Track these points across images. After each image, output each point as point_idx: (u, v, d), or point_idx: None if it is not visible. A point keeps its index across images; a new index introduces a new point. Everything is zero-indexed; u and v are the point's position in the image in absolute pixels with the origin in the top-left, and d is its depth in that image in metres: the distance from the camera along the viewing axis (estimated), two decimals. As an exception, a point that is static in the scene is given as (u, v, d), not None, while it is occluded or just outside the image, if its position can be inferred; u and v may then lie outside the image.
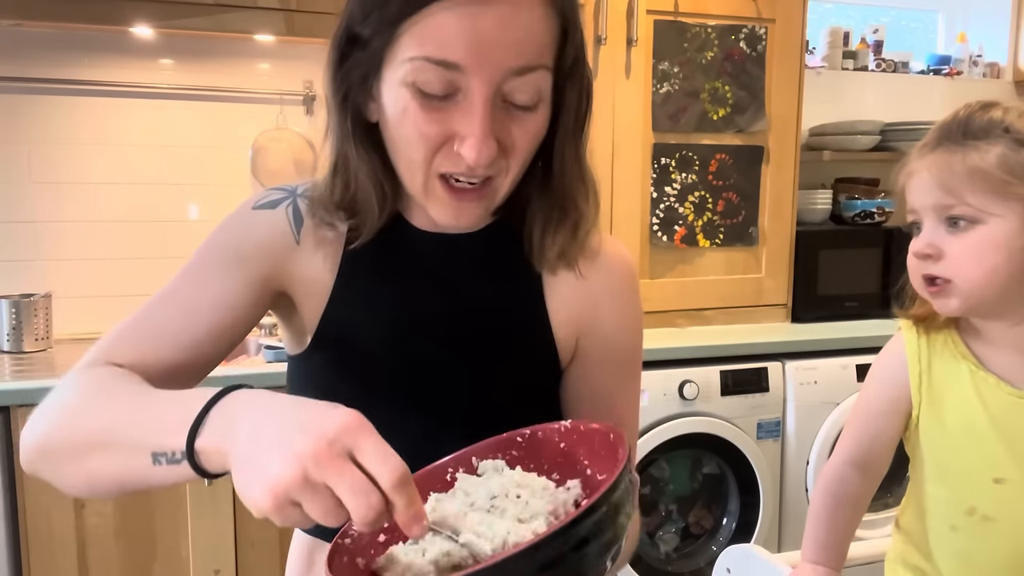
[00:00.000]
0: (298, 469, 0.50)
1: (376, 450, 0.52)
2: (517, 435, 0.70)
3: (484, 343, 0.83)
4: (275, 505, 0.51)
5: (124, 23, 2.22)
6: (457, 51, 0.67)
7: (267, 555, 1.98)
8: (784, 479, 2.35)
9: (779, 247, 2.58)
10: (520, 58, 0.69)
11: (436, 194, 0.74)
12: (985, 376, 0.94)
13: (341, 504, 0.51)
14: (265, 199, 0.84)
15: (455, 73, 0.68)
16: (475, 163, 0.70)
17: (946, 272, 0.90)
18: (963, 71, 3.17)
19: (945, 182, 0.89)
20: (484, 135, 0.69)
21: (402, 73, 0.70)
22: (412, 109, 0.71)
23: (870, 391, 1.04)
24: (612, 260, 0.88)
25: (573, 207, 0.81)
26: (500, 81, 0.69)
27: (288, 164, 2.45)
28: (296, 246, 0.82)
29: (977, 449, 0.94)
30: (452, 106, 0.70)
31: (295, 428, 0.52)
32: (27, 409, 1.78)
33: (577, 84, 0.77)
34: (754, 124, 2.50)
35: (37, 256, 2.31)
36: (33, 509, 1.80)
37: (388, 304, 0.83)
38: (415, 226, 0.84)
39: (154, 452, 0.60)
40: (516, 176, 0.76)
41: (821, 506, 1.05)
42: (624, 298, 0.88)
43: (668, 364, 2.20)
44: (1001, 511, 0.93)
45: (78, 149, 2.32)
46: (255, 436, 0.54)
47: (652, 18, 2.36)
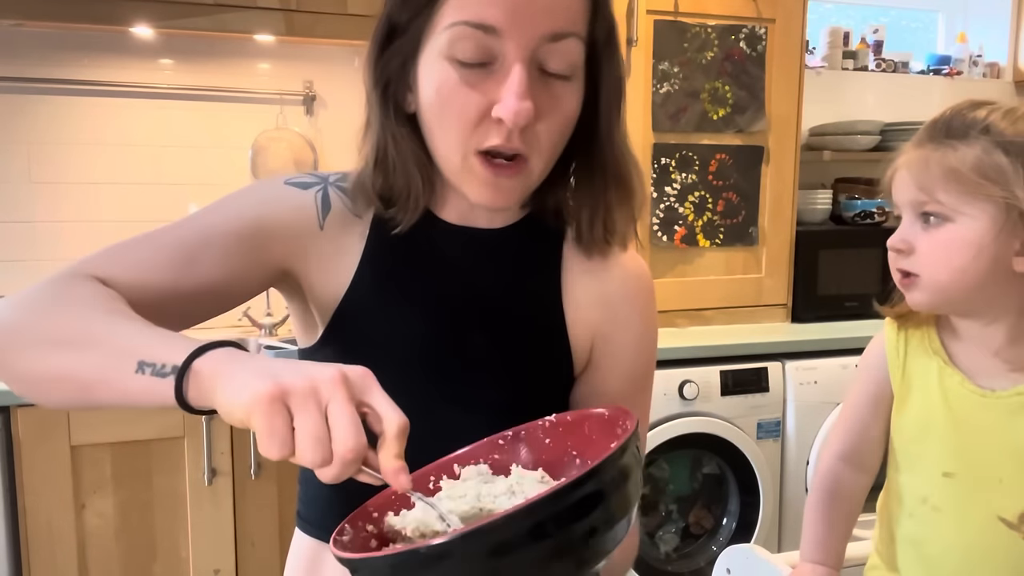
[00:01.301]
0: (307, 380, 0.51)
1: (386, 399, 0.54)
2: (499, 438, 0.70)
3: (500, 341, 0.83)
4: (272, 395, 0.51)
5: (124, 23, 2.22)
6: (494, 14, 0.69)
7: (267, 555, 1.98)
8: (784, 479, 2.35)
9: (779, 247, 2.58)
10: (554, 23, 0.71)
11: (474, 171, 0.75)
12: (952, 372, 0.96)
13: (327, 436, 0.51)
14: (298, 179, 0.84)
15: (492, 38, 0.70)
16: (512, 122, 0.70)
17: (915, 267, 0.92)
18: (963, 71, 3.17)
19: (920, 179, 0.91)
20: (521, 93, 0.70)
21: (442, 44, 0.72)
22: (450, 82, 0.72)
23: (855, 387, 1.06)
24: (631, 269, 0.88)
25: (629, 183, 0.82)
26: (535, 46, 0.71)
27: (288, 164, 2.45)
28: (319, 231, 0.82)
29: (933, 442, 0.96)
30: (488, 77, 0.72)
31: (312, 366, 0.54)
32: (27, 409, 1.78)
33: (614, 60, 0.79)
34: (754, 124, 2.50)
35: (37, 256, 2.31)
36: (33, 509, 1.80)
37: (406, 297, 0.83)
38: (443, 219, 0.84)
39: (141, 360, 0.59)
40: (549, 156, 0.77)
41: (816, 503, 1.06)
42: (641, 308, 0.88)
43: (668, 364, 2.20)
44: (949, 503, 0.95)
45: (78, 149, 2.32)
46: (268, 363, 0.55)
47: (652, 18, 2.36)
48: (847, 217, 2.73)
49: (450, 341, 0.82)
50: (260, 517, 1.98)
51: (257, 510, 1.97)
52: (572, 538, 0.51)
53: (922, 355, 0.99)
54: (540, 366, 0.84)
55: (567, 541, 0.51)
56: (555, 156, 0.78)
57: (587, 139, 0.80)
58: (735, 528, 2.35)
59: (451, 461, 0.68)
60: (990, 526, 0.92)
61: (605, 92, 0.79)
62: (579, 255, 0.86)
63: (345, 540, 0.60)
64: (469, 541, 0.48)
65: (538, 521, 0.49)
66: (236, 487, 1.95)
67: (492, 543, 0.49)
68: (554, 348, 0.84)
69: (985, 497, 0.93)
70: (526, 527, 0.49)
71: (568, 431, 0.69)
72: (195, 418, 1.87)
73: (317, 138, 2.49)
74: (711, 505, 2.39)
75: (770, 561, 1.13)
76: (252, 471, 1.95)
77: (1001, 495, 0.92)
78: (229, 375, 0.55)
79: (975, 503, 0.93)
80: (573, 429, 0.69)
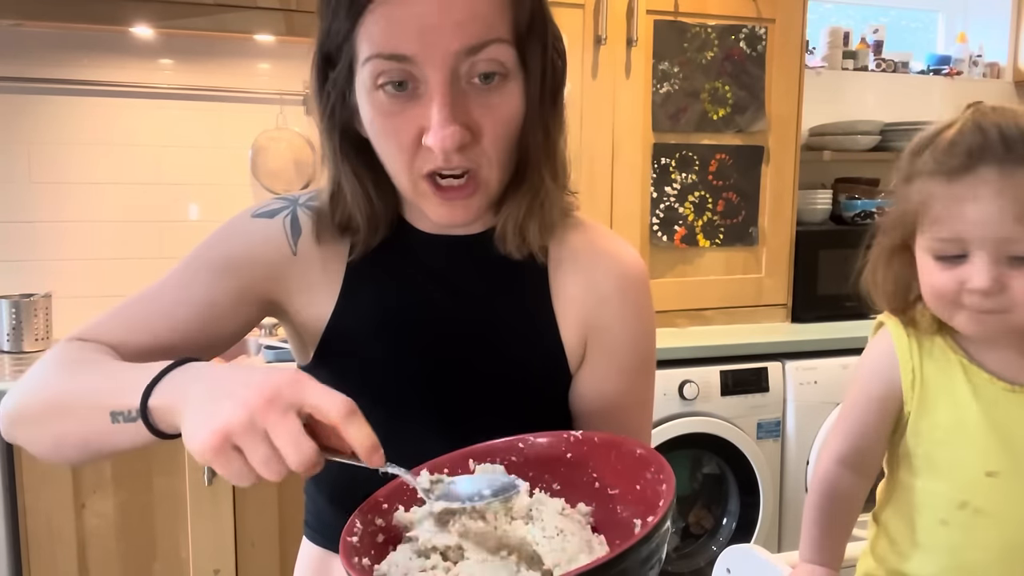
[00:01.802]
0: (244, 413, 0.54)
1: (321, 392, 0.56)
2: (519, 440, 0.69)
3: (491, 346, 0.82)
4: (218, 444, 0.54)
5: (124, 23, 2.22)
6: (403, 42, 0.68)
7: (267, 555, 1.98)
8: (784, 479, 2.35)
9: (779, 247, 2.58)
10: (467, 37, 0.69)
11: (426, 195, 0.75)
12: (977, 371, 0.94)
13: (279, 456, 0.54)
14: (265, 208, 0.85)
15: (409, 65, 0.69)
16: (441, 150, 0.69)
17: (1003, 305, 0.87)
18: (963, 71, 3.17)
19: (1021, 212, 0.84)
20: (445, 120, 0.69)
21: (364, 77, 0.71)
22: (383, 112, 0.72)
23: (858, 390, 1.02)
24: (620, 261, 0.85)
25: (534, 178, 0.79)
26: (453, 64, 0.69)
27: (288, 164, 2.45)
28: (293, 257, 0.82)
29: (970, 444, 0.94)
30: (417, 101, 0.70)
31: (244, 384, 0.56)
32: (27, 409, 1.78)
33: (537, 48, 0.75)
34: (754, 124, 2.50)
35: (37, 256, 2.31)
36: (33, 509, 1.80)
37: (393, 310, 0.82)
38: (419, 229, 0.83)
39: (112, 411, 0.64)
40: (501, 161, 0.75)
41: (815, 506, 1.04)
42: (633, 300, 0.85)
43: (668, 364, 2.20)
44: (993, 504, 0.93)
45: (78, 149, 2.33)
46: (208, 391, 0.58)
47: (652, 18, 2.36)
48: (847, 217, 2.73)
49: (442, 350, 0.81)
50: (260, 517, 1.98)
51: (257, 510, 1.97)
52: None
53: (939, 357, 0.96)
54: (534, 365, 0.83)
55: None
56: (511, 158, 0.76)
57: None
58: (735, 528, 2.35)
59: (466, 455, 0.68)
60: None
61: (529, 81, 0.75)
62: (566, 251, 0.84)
63: (354, 541, 0.60)
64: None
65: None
66: (236, 487, 1.94)
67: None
68: (546, 346, 0.83)
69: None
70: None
71: (593, 452, 0.68)
72: (195, 418, 1.87)
73: (317, 138, 2.48)
74: (711, 505, 2.39)
75: (770, 561, 1.13)
76: (252, 471, 1.94)
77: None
78: (183, 414, 0.59)
79: (1022, 500, 0.92)
80: (598, 452, 0.68)
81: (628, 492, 0.65)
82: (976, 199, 0.85)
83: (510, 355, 0.82)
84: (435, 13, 0.67)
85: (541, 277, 0.84)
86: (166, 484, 1.90)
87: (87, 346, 0.74)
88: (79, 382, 0.68)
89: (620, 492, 0.66)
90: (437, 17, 0.67)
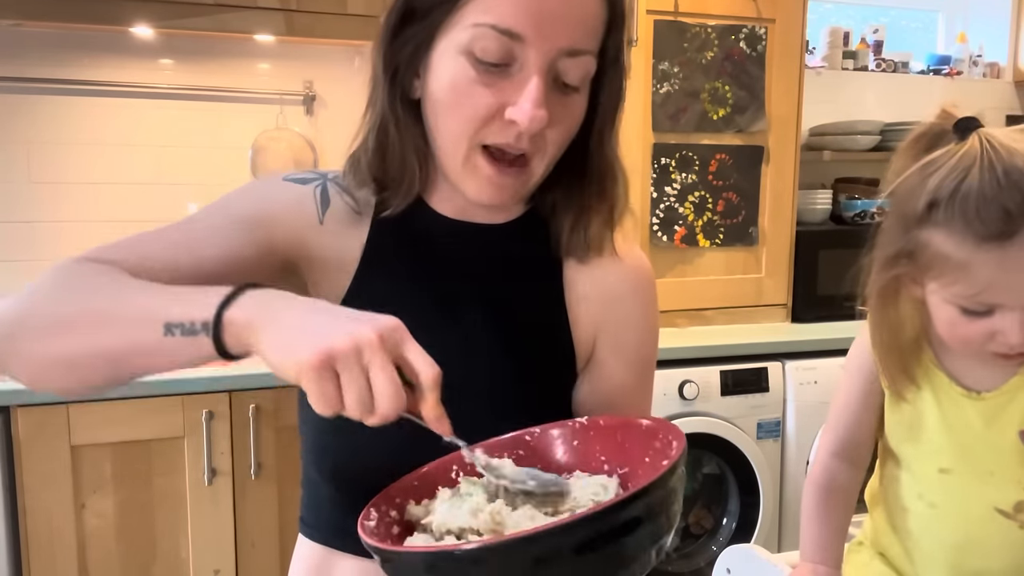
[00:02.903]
0: (352, 342, 0.55)
1: (419, 351, 0.59)
2: (525, 434, 0.70)
3: (501, 336, 0.82)
4: (320, 363, 0.54)
5: (124, 23, 2.22)
6: (522, 22, 0.70)
7: (267, 555, 1.98)
8: (784, 479, 2.35)
9: (779, 247, 2.58)
10: (576, 39, 0.72)
11: (477, 167, 0.75)
12: (940, 374, 0.97)
13: (371, 396, 0.56)
14: (297, 175, 0.85)
15: (515, 43, 0.71)
16: (527, 127, 0.71)
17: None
18: (963, 71, 3.17)
19: None
20: (538, 101, 0.71)
21: (462, 40, 0.72)
22: (467, 77, 0.72)
23: (846, 384, 1.06)
24: (632, 264, 0.88)
25: (610, 192, 0.83)
26: (555, 57, 0.72)
27: (288, 164, 2.45)
28: (319, 225, 0.82)
29: (926, 442, 0.98)
30: (505, 78, 0.72)
31: (352, 318, 0.58)
32: (27, 409, 1.78)
33: (619, 73, 0.80)
34: (754, 124, 2.50)
35: (37, 256, 2.31)
36: (33, 509, 1.80)
37: (409, 295, 0.82)
38: (441, 214, 0.84)
39: (168, 322, 0.60)
40: (551, 160, 0.78)
41: (812, 501, 1.07)
42: (643, 302, 0.88)
43: (668, 364, 2.20)
44: (945, 499, 0.97)
45: (78, 149, 2.32)
46: (310, 313, 0.59)
47: (652, 18, 2.36)
48: (847, 217, 2.73)
49: (453, 338, 0.82)
50: (260, 517, 1.98)
51: (257, 510, 1.97)
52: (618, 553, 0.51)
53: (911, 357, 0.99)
54: (543, 362, 0.84)
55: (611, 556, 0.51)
56: (555, 160, 0.79)
57: (579, 146, 0.81)
58: (735, 528, 2.35)
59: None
60: (987, 517, 0.95)
61: (603, 105, 0.80)
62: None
63: (372, 526, 0.60)
64: (511, 549, 0.49)
65: (583, 538, 0.50)
66: (236, 487, 1.94)
67: (532, 554, 0.49)
68: (557, 344, 0.84)
69: (980, 490, 0.95)
70: (570, 543, 0.49)
71: (600, 436, 0.69)
72: (195, 418, 1.87)
73: (317, 138, 2.48)
74: (711, 505, 2.39)
75: (770, 561, 1.14)
76: (252, 471, 1.94)
77: (994, 488, 0.95)
78: (269, 329, 0.58)
79: (972, 497, 0.96)
80: (604, 435, 0.69)
81: (638, 467, 0.66)
82: (1017, 270, 0.81)
83: (522, 349, 0.83)
84: (560, 5, 0.70)
85: (556, 274, 0.86)
86: (166, 484, 1.90)
87: (103, 267, 0.68)
88: (115, 294, 0.63)
89: (630, 470, 0.67)
90: (561, 9, 0.71)
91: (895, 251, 0.89)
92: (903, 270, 0.89)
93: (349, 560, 0.84)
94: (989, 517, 0.95)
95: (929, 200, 0.83)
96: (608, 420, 0.70)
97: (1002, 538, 0.95)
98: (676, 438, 0.61)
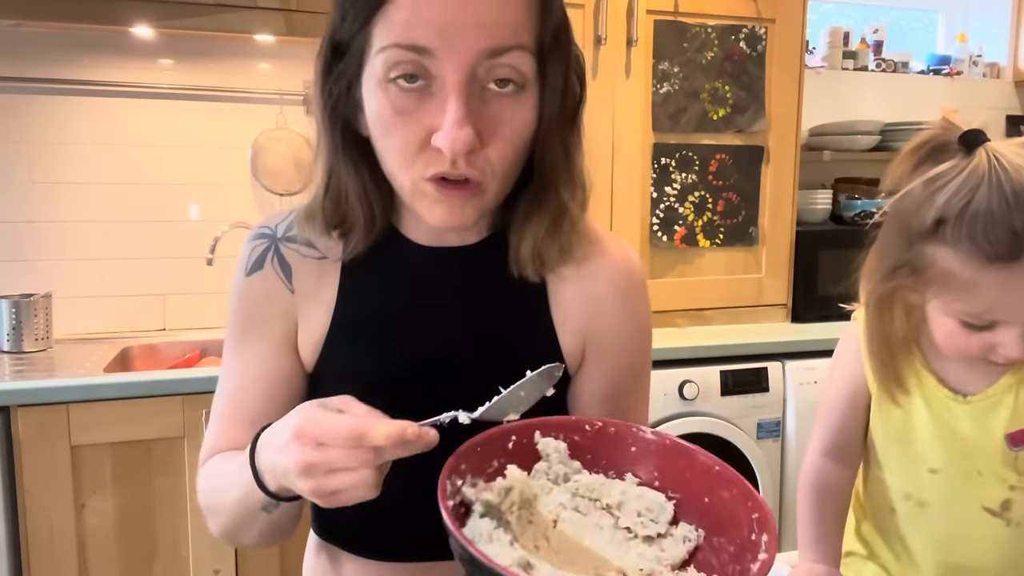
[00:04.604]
0: (300, 468, 0.62)
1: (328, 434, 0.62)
2: (586, 423, 0.70)
3: (488, 356, 0.81)
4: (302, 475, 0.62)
5: (124, 23, 2.22)
6: (425, 34, 0.66)
7: (267, 555, 1.98)
8: (784, 479, 2.35)
9: (779, 247, 2.58)
10: (491, 39, 0.67)
11: (426, 194, 0.72)
12: (928, 375, 0.97)
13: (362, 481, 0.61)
14: (252, 259, 0.84)
15: (425, 58, 0.67)
16: (451, 151, 0.67)
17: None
18: (963, 71, 3.17)
19: None
20: (458, 120, 0.66)
21: (377, 69, 0.69)
22: (390, 109, 0.69)
23: (833, 385, 1.06)
24: (617, 262, 0.85)
25: (554, 199, 0.77)
26: (473, 64, 0.67)
27: (288, 164, 2.45)
28: (292, 295, 0.84)
29: (916, 442, 0.98)
30: (428, 100, 0.68)
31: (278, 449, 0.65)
32: (27, 409, 1.78)
33: (559, 64, 0.73)
34: (754, 124, 2.50)
35: (37, 256, 2.31)
36: (33, 509, 1.80)
37: (388, 322, 0.82)
38: (412, 241, 0.83)
39: (262, 507, 0.72)
40: (505, 173, 0.73)
41: (807, 502, 1.08)
42: (630, 301, 0.85)
43: (668, 364, 2.20)
44: (933, 498, 0.99)
45: (78, 149, 2.32)
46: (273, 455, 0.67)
47: (652, 18, 2.36)
48: (847, 217, 2.73)
49: (436, 362, 0.81)
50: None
51: (257, 510, 1.97)
52: None
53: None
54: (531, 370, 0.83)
55: None
56: (515, 172, 0.74)
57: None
58: (735, 528, 2.35)
59: (533, 427, 0.69)
60: (975, 515, 0.97)
61: (547, 98, 0.73)
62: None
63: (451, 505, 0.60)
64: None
65: None
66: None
67: None
68: (545, 354, 0.82)
69: (968, 490, 0.96)
70: None
71: (660, 455, 0.68)
72: (195, 418, 1.87)
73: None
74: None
75: (770, 561, 1.13)
76: (252, 471, 1.94)
77: (982, 487, 0.96)
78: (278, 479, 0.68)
79: (960, 496, 0.97)
80: (666, 455, 0.68)
81: (693, 501, 0.66)
82: (1022, 289, 0.81)
83: (507, 363, 0.81)
84: (461, 10, 0.66)
85: (538, 285, 0.83)
86: (166, 484, 1.90)
87: (206, 472, 0.82)
88: (230, 506, 0.75)
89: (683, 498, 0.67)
90: (463, 14, 0.66)
91: (897, 263, 0.89)
92: (904, 282, 0.89)
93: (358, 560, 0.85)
94: (977, 515, 0.96)
95: (937, 217, 0.83)
96: (673, 442, 0.68)
97: (989, 536, 0.97)
98: (768, 520, 0.60)
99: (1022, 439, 0.94)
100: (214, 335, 2.35)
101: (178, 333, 2.39)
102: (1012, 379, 0.94)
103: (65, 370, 1.94)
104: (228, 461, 0.77)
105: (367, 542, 0.86)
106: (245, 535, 0.78)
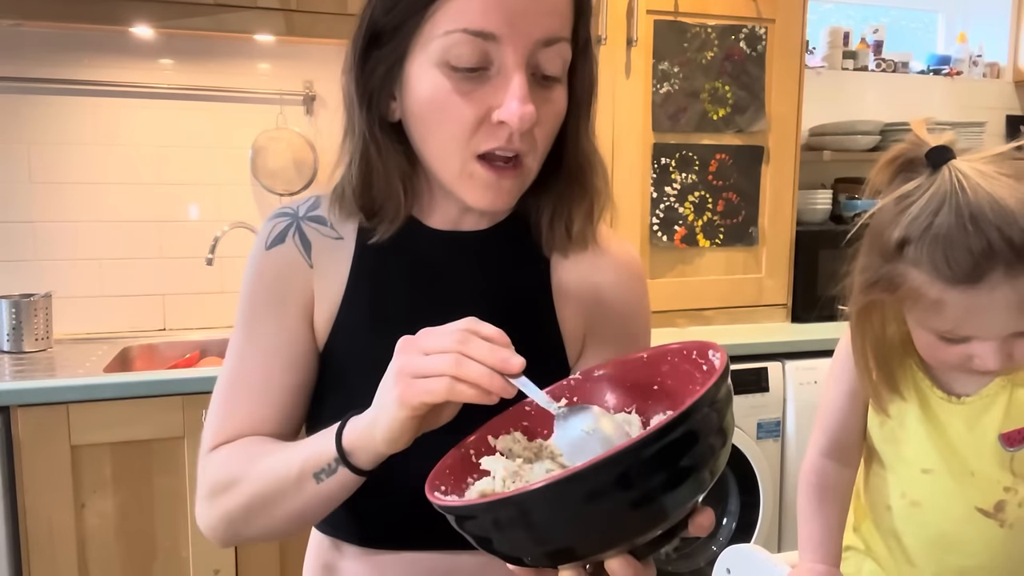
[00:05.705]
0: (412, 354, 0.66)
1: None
2: (524, 405, 0.71)
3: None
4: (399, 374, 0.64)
5: (124, 23, 2.22)
6: (493, 21, 0.70)
7: (267, 555, 1.98)
8: (784, 479, 2.35)
9: (779, 247, 2.58)
10: (549, 28, 0.72)
11: (475, 175, 0.75)
12: (922, 377, 0.98)
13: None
14: (273, 234, 0.86)
15: (490, 44, 0.71)
16: (518, 126, 0.71)
17: (1007, 369, 0.88)
18: (963, 71, 3.17)
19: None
20: (524, 98, 0.71)
21: (435, 52, 0.72)
22: (445, 90, 0.73)
23: (831, 385, 1.07)
24: (619, 258, 0.88)
25: (589, 185, 0.83)
26: (532, 51, 0.72)
27: (288, 164, 2.45)
28: (311, 270, 0.85)
29: (910, 442, 0.99)
30: (485, 82, 0.72)
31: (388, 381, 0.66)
32: (27, 409, 1.78)
33: (589, 61, 0.80)
34: (754, 124, 2.50)
35: (37, 256, 2.31)
36: (33, 509, 1.80)
37: (397, 309, 0.83)
38: (428, 226, 0.84)
39: (315, 473, 0.70)
40: (542, 155, 0.78)
41: (807, 501, 1.08)
42: (631, 298, 0.88)
43: (668, 364, 2.20)
44: (927, 497, 0.99)
45: (78, 149, 2.32)
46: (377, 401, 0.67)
47: (652, 18, 2.36)
48: (847, 217, 2.73)
49: None
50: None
51: (257, 510, 1.97)
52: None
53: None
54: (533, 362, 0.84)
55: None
56: (546, 152, 0.79)
57: (556, 140, 0.81)
58: (735, 528, 2.35)
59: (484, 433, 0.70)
60: (968, 516, 0.97)
61: (577, 94, 0.80)
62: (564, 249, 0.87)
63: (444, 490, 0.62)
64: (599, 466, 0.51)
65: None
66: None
67: (613, 472, 0.52)
68: (547, 342, 0.84)
69: (961, 490, 0.97)
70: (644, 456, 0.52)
71: (595, 389, 0.70)
72: (195, 418, 1.87)
73: (317, 138, 2.49)
74: (711, 505, 2.39)
75: (770, 561, 1.14)
76: (252, 471, 1.94)
77: (975, 488, 0.96)
78: (372, 431, 0.66)
79: (953, 496, 0.97)
80: (602, 385, 0.70)
81: (646, 400, 0.69)
82: (986, 310, 0.82)
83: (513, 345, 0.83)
84: (526, 0, 0.71)
85: (543, 273, 0.86)
86: (166, 484, 1.90)
87: (233, 449, 0.79)
88: (266, 475, 0.74)
89: (638, 404, 0.70)
90: (527, 3, 0.71)
91: (872, 279, 0.90)
92: (881, 296, 0.91)
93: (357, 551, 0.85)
94: (970, 516, 0.97)
95: (901, 237, 0.84)
96: (604, 369, 0.70)
97: (982, 536, 0.97)
98: (719, 351, 0.62)
99: (1016, 439, 0.95)
100: (214, 335, 2.35)
101: (178, 333, 2.39)
102: (1005, 379, 0.95)
103: (65, 370, 1.94)
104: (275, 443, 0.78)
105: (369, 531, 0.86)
106: (261, 517, 0.75)
